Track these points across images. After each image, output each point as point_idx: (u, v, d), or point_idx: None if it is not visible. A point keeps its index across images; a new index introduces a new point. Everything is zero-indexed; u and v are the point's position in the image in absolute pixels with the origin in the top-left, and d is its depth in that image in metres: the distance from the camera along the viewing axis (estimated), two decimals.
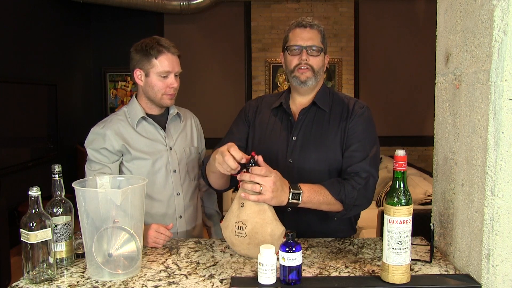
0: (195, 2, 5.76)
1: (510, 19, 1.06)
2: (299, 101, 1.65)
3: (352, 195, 1.45)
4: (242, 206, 1.33)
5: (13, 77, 4.32)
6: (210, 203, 2.02)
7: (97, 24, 6.07)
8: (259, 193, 1.28)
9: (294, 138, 1.59)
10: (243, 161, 1.28)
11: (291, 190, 1.35)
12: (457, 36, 1.30)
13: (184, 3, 5.74)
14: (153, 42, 1.68)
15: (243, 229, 1.33)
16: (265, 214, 1.32)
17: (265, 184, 1.28)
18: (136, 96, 1.78)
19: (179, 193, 1.78)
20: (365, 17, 6.17)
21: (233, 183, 1.61)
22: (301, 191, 1.36)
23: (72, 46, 5.66)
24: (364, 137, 1.56)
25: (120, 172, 1.72)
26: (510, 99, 1.08)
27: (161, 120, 1.78)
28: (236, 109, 1.78)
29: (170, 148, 1.77)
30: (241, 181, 1.30)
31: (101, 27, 6.07)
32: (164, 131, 1.77)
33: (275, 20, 6.12)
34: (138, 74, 1.71)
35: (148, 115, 1.75)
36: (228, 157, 1.28)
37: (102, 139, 1.68)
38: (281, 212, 1.39)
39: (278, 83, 6.22)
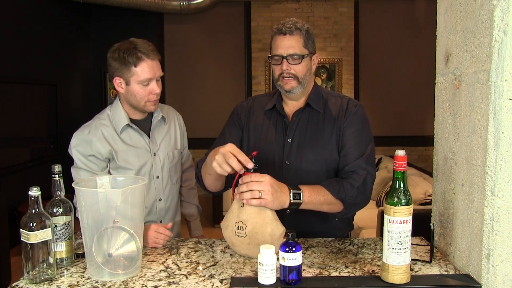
0: (195, 2, 5.76)
1: (510, 19, 1.06)
2: (291, 103, 1.64)
3: (351, 193, 1.45)
4: (242, 206, 1.33)
5: (13, 77, 4.32)
6: (190, 198, 1.99)
7: (97, 24, 6.07)
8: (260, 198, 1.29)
9: (289, 140, 1.58)
10: (250, 165, 1.28)
11: (291, 190, 1.35)
12: (457, 36, 1.30)
13: (184, 3, 5.74)
14: (130, 48, 1.58)
15: (243, 229, 1.33)
16: (265, 214, 1.32)
17: (263, 189, 1.28)
18: (119, 99, 1.72)
19: (161, 199, 1.76)
20: (365, 17, 6.16)
21: (228, 185, 1.59)
22: (301, 190, 1.36)
23: (72, 46, 5.66)
24: (359, 135, 1.56)
25: None
26: (510, 99, 1.08)
27: (145, 125, 1.74)
28: None
29: (154, 154, 1.74)
30: (241, 192, 1.30)
31: (101, 27, 6.07)
32: (149, 136, 1.74)
33: (275, 20, 6.11)
34: (118, 82, 1.63)
35: (131, 120, 1.70)
36: (233, 160, 1.27)
37: (88, 146, 1.63)
38: (281, 212, 1.39)
39: None
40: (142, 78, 1.59)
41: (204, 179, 1.56)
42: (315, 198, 1.39)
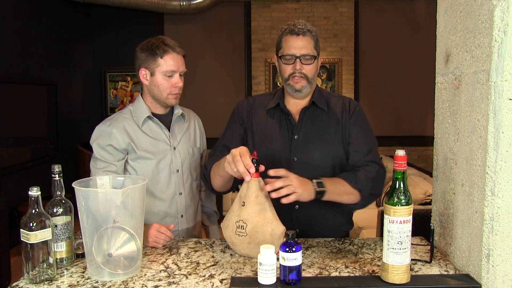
0: (195, 2, 5.76)
1: (510, 19, 1.06)
2: (295, 102, 1.67)
3: (367, 183, 1.50)
4: (243, 205, 1.34)
5: (13, 77, 4.32)
6: (209, 203, 2.02)
7: (97, 24, 6.07)
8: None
9: (296, 137, 1.61)
10: (252, 170, 1.29)
11: (313, 180, 1.40)
12: (457, 36, 1.30)
13: (184, 3, 5.74)
14: (158, 42, 1.70)
15: (243, 228, 1.33)
16: (266, 214, 1.32)
17: (292, 183, 1.32)
18: (141, 95, 1.80)
19: (181, 193, 1.79)
20: (365, 17, 6.16)
21: (235, 186, 1.61)
22: (322, 180, 1.42)
23: (72, 46, 5.66)
24: (365, 133, 1.63)
25: (125, 171, 1.73)
26: (510, 99, 1.08)
27: (166, 120, 1.80)
28: None
29: (174, 148, 1.78)
30: (273, 191, 1.31)
31: (101, 27, 6.06)
32: (169, 131, 1.79)
33: (275, 20, 6.12)
34: (144, 73, 1.73)
35: (153, 114, 1.77)
36: (240, 164, 1.29)
37: (108, 137, 1.69)
38: (289, 209, 1.41)
39: (278, 83, 6.21)
40: (166, 69, 1.69)
41: (213, 180, 1.57)
42: (336, 187, 1.45)
